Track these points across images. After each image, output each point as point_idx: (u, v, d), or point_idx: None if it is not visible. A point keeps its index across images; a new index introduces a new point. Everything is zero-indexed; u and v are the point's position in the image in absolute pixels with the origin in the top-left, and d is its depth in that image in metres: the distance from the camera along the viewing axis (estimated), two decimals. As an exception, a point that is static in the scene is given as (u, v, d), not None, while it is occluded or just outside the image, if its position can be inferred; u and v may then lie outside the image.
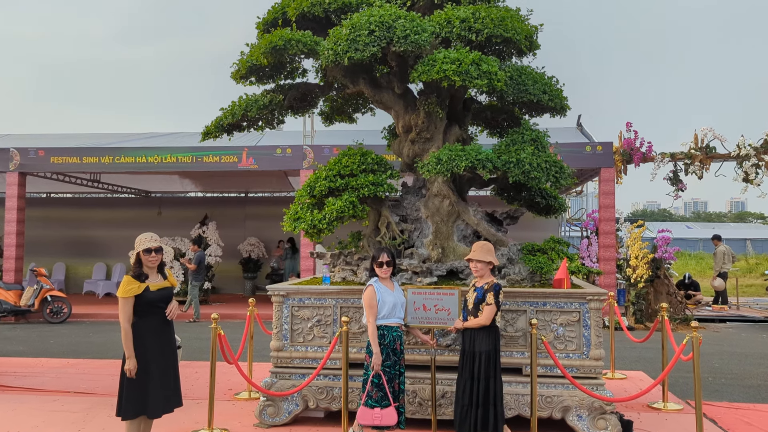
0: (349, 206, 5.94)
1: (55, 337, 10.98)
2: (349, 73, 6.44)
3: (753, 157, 14.39)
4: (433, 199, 6.41)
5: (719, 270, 15.77)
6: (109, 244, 19.72)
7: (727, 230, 62.35)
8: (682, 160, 14.83)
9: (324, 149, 13.70)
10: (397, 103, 6.62)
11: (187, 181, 18.99)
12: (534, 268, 5.94)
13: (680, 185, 15.07)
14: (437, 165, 5.73)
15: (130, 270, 4.74)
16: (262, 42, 5.99)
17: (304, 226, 5.96)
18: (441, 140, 6.52)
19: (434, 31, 5.87)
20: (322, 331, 5.92)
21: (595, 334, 5.50)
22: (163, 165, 13.70)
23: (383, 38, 5.63)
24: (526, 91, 6.16)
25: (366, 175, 6.16)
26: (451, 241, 6.34)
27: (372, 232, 6.54)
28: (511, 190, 6.67)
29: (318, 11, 6.21)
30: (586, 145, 13.42)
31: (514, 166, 5.76)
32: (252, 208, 20.16)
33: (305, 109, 7.47)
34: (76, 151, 13.79)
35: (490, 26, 5.86)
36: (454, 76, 5.56)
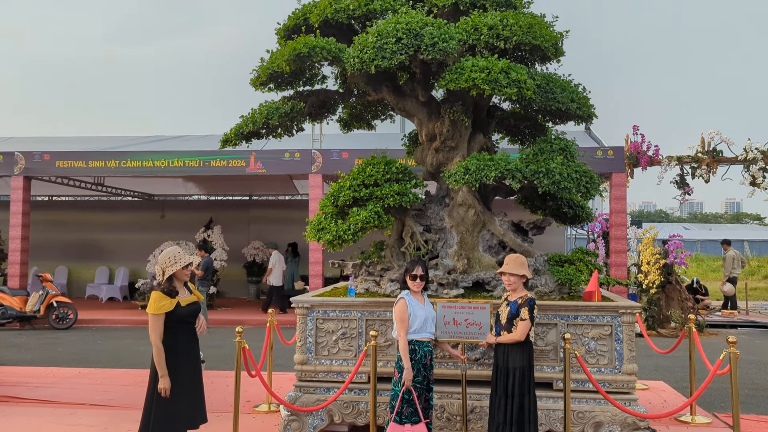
0: (375, 217, 5.83)
1: (63, 344, 10.84)
2: (372, 81, 6.33)
3: (760, 160, 14.32)
4: (458, 209, 6.30)
5: (729, 275, 15.70)
6: (111, 248, 19.59)
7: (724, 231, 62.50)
8: (689, 163, 14.75)
9: (333, 153, 13.59)
10: (421, 111, 6.51)
11: (190, 184, 18.85)
12: (562, 280, 5.83)
13: (687, 189, 15.00)
14: (465, 175, 5.62)
15: (160, 285, 4.59)
16: (286, 49, 5.86)
17: (329, 236, 5.84)
18: (465, 149, 6.41)
19: (462, 39, 5.76)
20: (347, 344, 5.80)
21: (627, 348, 5.40)
22: (170, 169, 13.57)
23: (411, 46, 5.51)
24: (554, 99, 6.06)
25: (391, 185, 6.04)
26: (477, 252, 6.23)
27: (395, 242, 6.43)
28: (536, 199, 6.56)
29: (342, 17, 6.10)
30: (597, 149, 13.34)
31: (543, 176, 5.65)
32: (256, 212, 20.03)
33: (324, 115, 7.38)
34: (81, 155, 13.65)
35: (518, 33, 5.75)
36: (483, 85, 5.45)
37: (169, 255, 4.52)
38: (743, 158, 14.26)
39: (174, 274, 4.53)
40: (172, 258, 4.49)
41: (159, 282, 4.53)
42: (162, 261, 4.50)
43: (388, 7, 6.11)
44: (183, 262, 4.48)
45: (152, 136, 16.90)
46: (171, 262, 4.46)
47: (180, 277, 4.53)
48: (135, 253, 18.73)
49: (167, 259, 4.50)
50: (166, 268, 4.46)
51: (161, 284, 4.50)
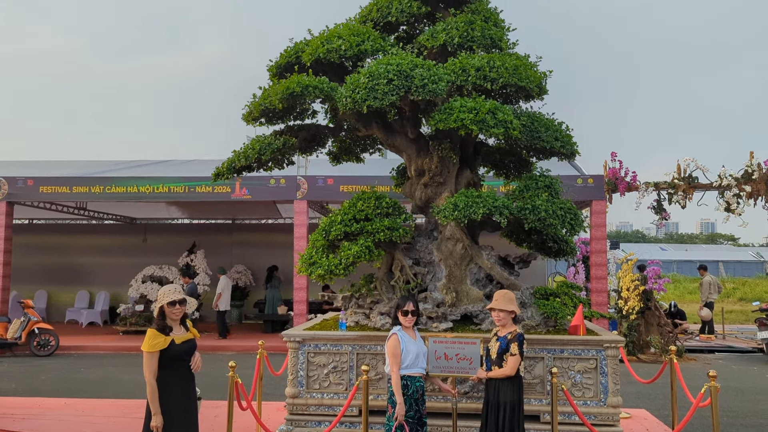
0: (366, 251, 5.96)
1: (46, 372, 10.74)
2: (362, 118, 6.49)
3: (734, 187, 14.71)
4: (446, 243, 6.46)
5: (705, 300, 16.04)
6: (92, 272, 19.41)
7: (699, 252, 63.54)
8: (665, 189, 15.11)
9: (318, 180, 13.71)
10: (410, 147, 6.68)
11: (173, 207, 18.82)
12: (548, 313, 6.00)
13: (664, 214, 15.36)
14: (454, 211, 5.79)
15: (153, 323, 4.66)
16: (279, 87, 6.01)
17: (321, 271, 5.95)
18: (453, 184, 6.59)
19: (450, 80, 5.96)
20: (338, 377, 5.89)
21: (612, 382, 5.56)
22: (156, 195, 13.58)
23: (402, 87, 5.69)
24: (539, 138, 6.27)
25: (381, 219, 6.18)
26: (465, 285, 6.38)
27: (385, 275, 6.55)
28: (521, 233, 6.74)
29: (333, 57, 6.26)
30: (578, 177, 13.62)
31: (529, 212, 5.84)
32: (239, 235, 20.02)
33: (314, 149, 7.51)
34: (65, 181, 13.60)
35: (505, 75, 5.96)
36: (471, 125, 5.64)
37: (161, 291, 4.62)
38: (718, 184, 14.64)
39: (164, 310, 4.61)
40: (162, 294, 4.59)
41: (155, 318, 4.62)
42: (158, 296, 4.61)
43: (378, 47, 6.30)
44: (167, 299, 4.56)
45: (136, 161, 16.89)
46: (160, 297, 4.57)
47: (169, 314, 4.60)
48: (116, 277, 18.58)
49: (159, 294, 4.62)
50: (156, 304, 4.57)
51: (156, 321, 4.58)
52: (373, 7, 6.73)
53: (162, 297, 4.64)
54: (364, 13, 6.85)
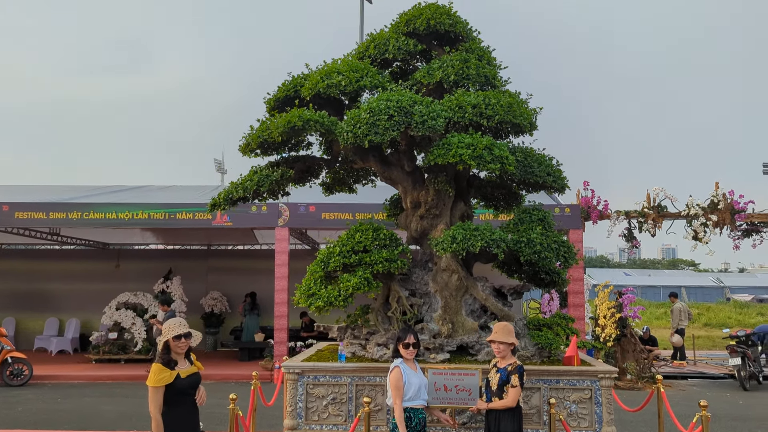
0: (365, 283, 6.04)
1: (22, 404, 10.45)
2: (359, 151, 6.62)
3: (701, 216, 15.19)
4: (442, 274, 6.58)
5: (677, 326, 16.42)
6: (62, 298, 18.97)
7: (662, 277, 64.88)
8: (635, 218, 15.53)
9: (300, 207, 13.75)
10: (406, 180, 6.83)
11: (148, 233, 18.59)
12: (542, 344, 6.15)
13: (635, 242, 15.80)
14: (452, 244, 5.92)
15: (158, 357, 4.65)
16: (280, 121, 6.11)
17: (320, 302, 6.01)
18: (448, 216, 6.74)
19: (448, 116, 6.14)
20: (337, 409, 5.92)
21: (606, 411, 5.71)
22: (135, 221, 13.44)
23: (402, 123, 5.85)
24: (533, 173, 6.48)
25: (379, 251, 6.28)
26: (460, 316, 6.50)
27: (381, 306, 6.64)
28: (514, 264, 6.90)
29: (333, 92, 6.40)
30: (555, 207, 13.93)
31: (525, 245, 6.01)
32: (215, 261, 19.83)
33: (307, 180, 7.61)
34: (42, 206, 13.38)
35: (500, 112, 6.18)
36: (469, 161, 5.81)
37: (166, 325, 4.61)
38: (686, 214, 15.11)
39: (169, 345, 4.60)
40: (166, 328, 4.58)
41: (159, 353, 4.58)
42: (163, 330, 4.60)
43: (377, 83, 6.46)
44: (173, 333, 4.56)
45: (113, 186, 16.70)
46: (165, 331, 4.56)
47: (174, 348, 4.59)
48: (87, 304, 18.19)
49: (164, 328, 4.60)
50: (161, 338, 4.56)
51: (161, 355, 4.55)
52: (371, 44, 6.91)
53: (168, 331, 4.63)
54: (361, 50, 7.03)
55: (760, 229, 15.56)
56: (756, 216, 15.18)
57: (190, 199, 14.27)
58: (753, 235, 15.59)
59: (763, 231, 15.57)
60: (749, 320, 31.43)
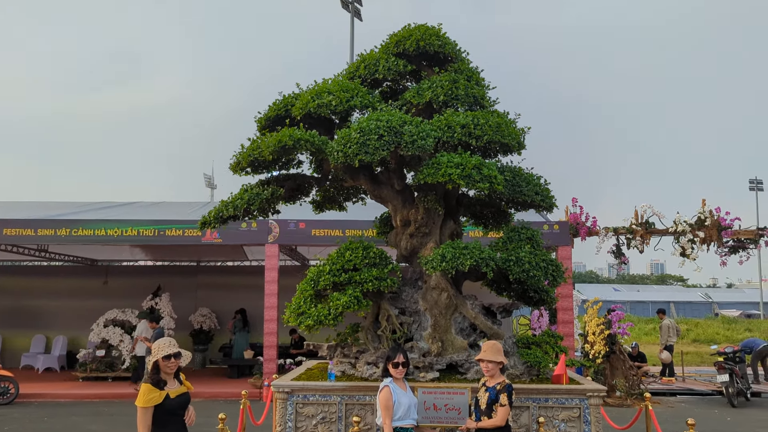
0: (355, 301, 6.06)
1: (8, 423, 10.33)
2: (350, 170, 6.67)
3: (688, 232, 15.33)
4: (432, 292, 6.61)
5: (665, 343, 16.50)
6: (49, 315, 18.80)
7: (651, 293, 65.23)
8: (624, 234, 15.64)
9: (290, 224, 13.76)
10: (396, 198, 6.87)
11: (137, 249, 18.49)
12: (531, 362, 6.17)
13: (623, 258, 15.90)
14: (442, 262, 5.95)
15: (147, 377, 4.63)
16: (271, 140, 6.14)
17: (310, 321, 6.01)
18: (438, 234, 6.79)
19: (437, 136, 6.20)
20: (326, 428, 5.91)
21: (595, 430, 5.73)
22: (124, 238, 13.39)
23: (392, 142, 5.91)
24: (521, 192, 6.54)
25: (369, 270, 6.30)
26: (450, 335, 6.52)
27: (371, 324, 6.65)
28: (503, 282, 6.94)
29: (324, 112, 6.46)
30: (544, 224, 14.02)
31: (514, 264, 6.06)
32: (204, 278, 19.75)
33: (298, 198, 7.63)
34: (30, 223, 13.32)
35: (489, 132, 6.25)
36: (459, 180, 5.87)
37: (156, 345, 4.59)
38: (673, 230, 15.23)
39: (158, 364, 4.58)
40: (156, 348, 4.56)
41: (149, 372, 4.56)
42: (152, 350, 4.57)
43: (367, 103, 6.53)
44: (163, 353, 4.54)
45: (103, 202, 16.62)
46: (155, 351, 4.53)
47: (164, 368, 4.58)
48: (75, 320, 18.05)
49: (153, 347, 4.58)
50: (151, 358, 4.53)
51: (150, 375, 4.53)
52: (361, 64, 6.98)
53: (157, 351, 4.62)
54: (351, 70, 7.10)
55: (747, 245, 15.72)
56: (742, 233, 15.35)
57: (180, 215, 14.25)
58: (739, 251, 15.75)
59: (749, 247, 15.74)
60: (737, 336, 31.61)
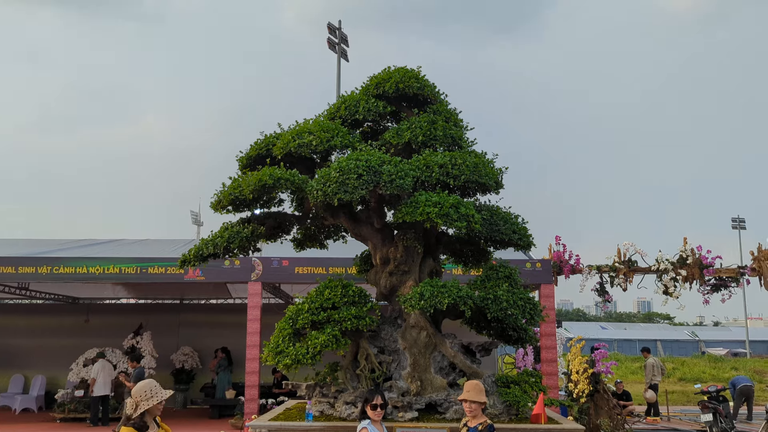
0: (333, 340, 6.06)
1: (-22, 467, 10.08)
2: (330, 208, 6.73)
3: (671, 271, 15.44)
4: (411, 331, 6.62)
5: (650, 382, 16.48)
6: (28, 354, 18.45)
7: (638, 331, 65.20)
8: (607, 272, 15.73)
9: (273, 261, 13.73)
10: (375, 236, 6.93)
11: (119, 287, 18.33)
12: (510, 401, 6.16)
13: (607, 296, 15.97)
14: (420, 300, 5.98)
15: (130, 420, 4.48)
16: (251, 179, 6.22)
17: (288, 360, 5.99)
18: (417, 272, 6.83)
19: (415, 175, 6.30)
20: (304, 469, 5.84)
21: (574, 470, 5.70)
22: (106, 276, 13.28)
23: (371, 182, 5.99)
24: (499, 231, 6.63)
25: (348, 308, 6.32)
26: (429, 374, 6.51)
27: (350, 363, 6.63)
28: (482, 321, 6.97)
29: (305, 152, 6.55)
30: (527, 262, 14.09)
31: (492, 302, 6.10)
32: (187, 316, 19.54)
33: (278, 236, 7.67)
34: (11, 261, 13.18)
35: (466, 172, 6.36)
36: (436, 219, 5.94)
37: (145, 389, 4.39)
38: (656, 268, 15.35)
39: (148, 409, 4.47)
40: (148, 392, 4.37)
41: (129, 416, 4.47)
42: (136, 394, 4.38)
43: (347, 143, 6.63)
44: (159, 398, 4.44)
45: (86, 239, 16.53)
46: (146, 396, 4.37)
47: (153, 412, 4.49)
48: (54, 360, 17.72)
49: (143, 392, 4.36)
50: (141, 402, 4.37)
51: (132, 418, 4.44)
52: (342, 105, 7.11)
53: (146, 396, 4.43)
54: (332, 110, 7.23)
55: (728, 283, 15.86)
56: (723, 271, 15.49)
57: (163, 253, 14.19)
58: (722, 289, 15.87)
59: (731, 285, 15.87)
60: (723, 374, 31.57)
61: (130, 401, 4.51)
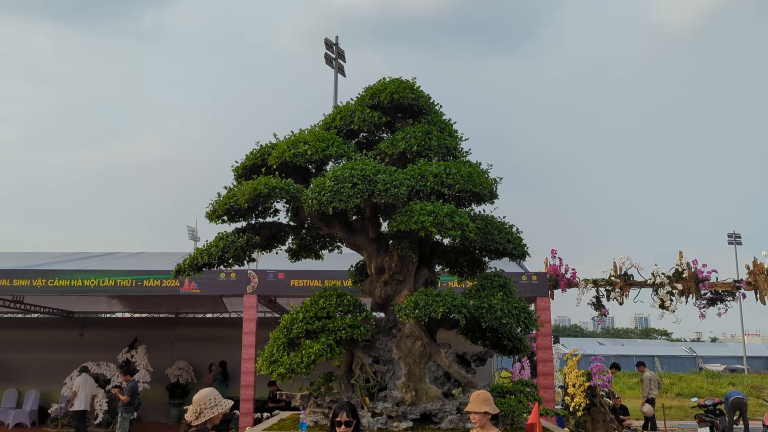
0: (327, 349, 6.04)
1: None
2: (325, 218, 6.74)
3: (667, 284, 15.45)
4: (406, 340, 6.60)
5: (647, 396, 16.40)
6: (22, 369, 18.30)
7: (635, 347, 65.03)
8: (603, 286, 15.73)
9: (269, 274, 13.70)
10: (370, 246, 6.93)
11: (114, 301, 18.25)
12: (506, 411, 6.14)
13: (603, 310, 15.95)
14: (415, 309, 5.98)
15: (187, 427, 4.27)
16: (246, 188, 6.24)
17: (282, 370, 5.97)
18: (412, 282, 6.83)
19: (410, 185, 6.32)
20: (297, 479, 5.79)
21: (569, 479, 5.67)
22: (101, 289, 13.23)
23: (365, 190, 6.01)
24: (493, 240, 6.64)
25: (343, 317, 6.31)
26: (424, 383, 6.49)
27: (344, 373, 6.60)
28: (477, 330, 6.96)
29: (300, 161, 6.57)
30: (522, 275, 14.08)
31: (486, 311, 6.10)
32: (182, 330, 19.41)
33: (274, 246, 7.67)
34: (5, 273, 13.14)
35: (461, 182, 6.38)
36: (431, 227, 5.96)
37: (210, 396, 4.17)
38: (652, 282, 15.36)
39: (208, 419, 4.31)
40: (213, 400, 4.14)
41: (190, 423, 4.28)
42: (201, 401, 4.14)
43: (342, 153, 6.66)
44: (223, 407, 4.17)
45: (79, 252, 16.51)
46: (211, 404, 4.12)
47: (213, 421, 4.33)
48: (48, 374, 17.58)
49: (207, 400, 4.14)
50: (205, 410, 4.10)
51: (193, 426, 4.12)
52: (337, 115, 7.15)
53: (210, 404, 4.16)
54: (327, 120, 7.26)
55: (724, 297, 15.86)
56: (719, 285, 15.51)
57: (159, 265, 14.16)
58: (718, 303, 15.87)
59: (726, 299, 15.88)
60: (721, 390, 31.45)
61: (191, 408, 4.26)
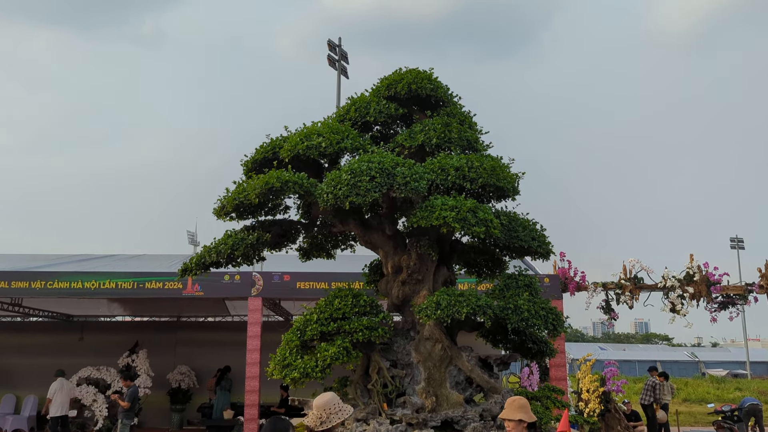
0: (343, 352, 5.71)
1: (-35, 490, 9.61)
2: (339, 214, 6.41)
3: (678, 288, 15.11)
4: (425, 343, 6.26)
5: (660, 401, 16.05)
6: (19, 374, 17.92)
7: (637, 352, 64.67)
8: (613, 289, 15.38)
9: (274, 276, 13.34)
10: (387, 244, 6.60)
11: (115, 304, 17.91)
12: (532, 418, 5.79)
13: (613, 314, 15.61)
14: (437, 310, 5.65)
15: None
16: (257, 182, 5.91)
17: (296, 374, 5.63)
18: (431, 282, 6.50)
19: (430, 178, 6.00)
20: (313, 491, 5.44)
21: (603, 491, 5.32)
22: (102, 291, 12.87)
23: (384, 184, 5.68)
24: (517, 238, 6.31)
25: (359, 319, 5.97)
26: (444, 389, 6.14)
27: (360, 378, 6.26)
28: (499, 333, 6.62)
29: (313, 154, 6.25)
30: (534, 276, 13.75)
31: (512, 312, 5.76)
32: (184, 334, 19.05)
33: (284, 244, 7.34)
34: (4, 275, 12.78)
35: (484, 175, 6.05)
36: (454, 223, 5.63)
37: (334, 401, 3.92)
38: (662, 285, 15.01)
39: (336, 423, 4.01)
40: (338, 405, 3.90)
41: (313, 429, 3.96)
42: (327, 406, 3.89)
43: (358, 145, 6.34)
44: (347, 412, 3.91)
45: (79, 255, 16.16)
46: (336, 409, 3.88)
47: (336, 427, 4.02)
48: (47, 379, 17.10)
49: (332, 405, 3.89)
50: (332, 415, 3.86)
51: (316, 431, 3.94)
52: (351, 106, 6.83)
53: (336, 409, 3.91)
54: (341, 112, 6.94)
55: (736, 301, 15.53)
56: (731, 288, 15.17)
57: (161, 267, 13.82)
58: (729, 307, 15.54)
59: (738, 303, 15.55)
60: (727, 395, 31.09)
61: (314, 414, 3.96)
